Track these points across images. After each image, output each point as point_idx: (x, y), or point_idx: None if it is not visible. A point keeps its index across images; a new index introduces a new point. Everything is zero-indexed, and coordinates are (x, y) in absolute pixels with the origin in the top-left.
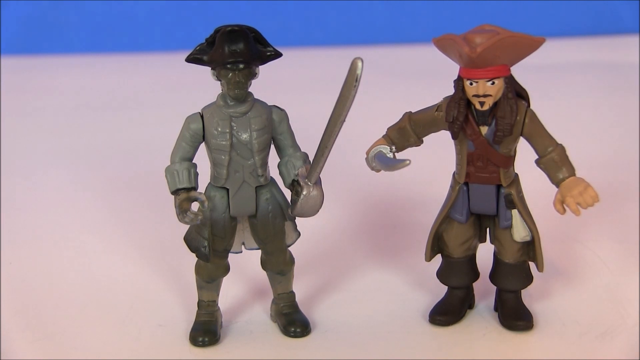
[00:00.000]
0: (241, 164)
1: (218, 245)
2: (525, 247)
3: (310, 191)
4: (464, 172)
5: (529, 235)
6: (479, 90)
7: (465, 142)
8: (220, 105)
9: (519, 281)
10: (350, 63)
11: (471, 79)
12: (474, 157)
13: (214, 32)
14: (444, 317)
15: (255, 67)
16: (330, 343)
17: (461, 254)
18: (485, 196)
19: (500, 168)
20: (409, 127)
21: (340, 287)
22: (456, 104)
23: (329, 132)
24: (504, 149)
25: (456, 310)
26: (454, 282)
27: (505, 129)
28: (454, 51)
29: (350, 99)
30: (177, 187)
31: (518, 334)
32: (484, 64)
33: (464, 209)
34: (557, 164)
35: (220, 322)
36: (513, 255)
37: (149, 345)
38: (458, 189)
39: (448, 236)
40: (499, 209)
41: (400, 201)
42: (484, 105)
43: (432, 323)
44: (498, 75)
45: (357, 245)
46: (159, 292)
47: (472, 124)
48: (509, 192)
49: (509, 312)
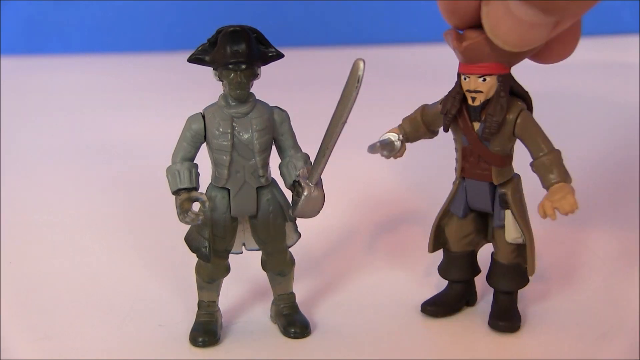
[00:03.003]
0: (242, 164)
1: (219, 245)
2: (520, 249)
3: (311, 192)
4: (460, 167)
5: (521, 238)
6: (471, 85)
7: (460, 137)
8: (221, 105)
9: (512, 282)
10: (352, 64)
11: (464, 73)
12: (467, 152)
13: (216, 32)
14: (434, 308)
15: (257, 68)
16: (330, 344)
17: (461, 249)
18: (479, 192)
19: (491, 166)
20: (420, 119)
21: (340, 288)
22: (452, 98)
23: (331, 133)
24: (496, 147)
25: (449, 303)
26: (453, 275)
27: (493, 126)
28: (449, 45)
29: (351, 100)
30: (178, 187)
31: (517, 335)
32: (473, 59)
33: (462, 204)
34: (547, 168)
35: (220, 322)
36: (507, 256)
37: (149, 345)
38: (457, 184)
39: (449, 230)
40: (494, 207)
41: (401, 202)
42: (475, 101)
43: (423, 312)
44: (489, 72)
45: (358, 247)
46: (159, 292)
47: (466, 118)
48: (503, 191)
49: (497, 312)
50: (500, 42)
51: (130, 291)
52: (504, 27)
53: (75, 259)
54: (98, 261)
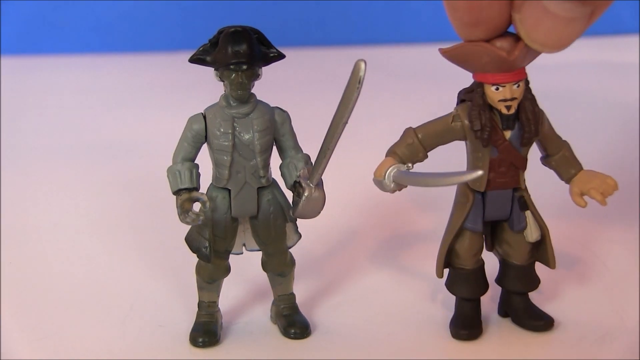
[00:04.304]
0: (243, 164)
1: (219, 246)
2: (534, 249)
3: (311, 193)
4: (485, 180)
5: (539, 234)
6: (506, 94)
7: (487, 150)
8: (222, 105)
9: (529, 282)
10: (354, 65)
11: (499, 83)
12: (496, 163)
13: (217, 32)
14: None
15: (258, 68)
16: (330, 345)
17: (474, 265)
18: (502, 201)
19: (519, 170)
20: (417, 142)
21: (340, 289)
22: (480, 112)
23: (331, 134)
24: (525, 150)
25: (477, 322)
26: (468, 293)
27: (532, 129)
28: (480, 58)
29: (352, 101)
30: (178, 187)
31: (519, 335)
32: (516, 66)
33: (479, 218)
34: (568, 160)
35: (221, 323)
36: (524, 257)
37: (149, 346)
38: (473, 199)
39: (460, 247)
40: (513, 212)
41: (402, 203)
42: (511, 109)
43: (456, 338)
44: (523, 77)
45: (358, 247)
46: (159, 292)
47: (498, 129)
48: (521, 194)
49: (524, 313)
50: (538, 46)
51: (130, 291)
52: (542, 29)
53: (75, 259)
54: (98, 261)
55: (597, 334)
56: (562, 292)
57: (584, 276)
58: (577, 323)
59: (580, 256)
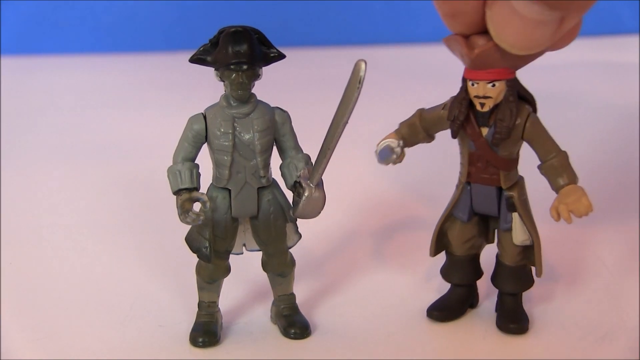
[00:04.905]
0: (243, 164)
1: (219, 246)
2: (526, 251)
3: (312, 193)
4: (466, 172)
5: (529, 239)
6: (480, 91)
7: (467, 142)
8: (223, 105)
9: (517, 284)
10: (354, 65)
11: (472, 80)
12: (474, 158)
13: (217, 32)
14: (441, 313)
15: (258, 69)
16: (330, 345)
17: (464, 252)
18: (486, 197)
19: (500, 170)
20: (419, 124)
21: (340, 289)
22: (459, 104)
23: (332, 134)
24: (504, 151)
25: (454, 307)
26: (456, 279)
27: (503, 131)
28: (457, 51)
29: (353, 101)
30: (179, 187)
31: (518, 336)
32: (483, 66)
33: (467, 208)
34: (556, 170)
35: (221, 323)
36: (513, 258)
37: (149, 346)
38: (462, 188)
39: (452, 234)
40: (501, 210)
41: (402, 203)
42: (484, 107)
43: (429, 317)
44: (498, 77)
45: (358, 248)
46: (159, 292)
47: (473, 124)
48: (510, 194)
49: (505, 314)
50: (507, 46)
51: (130, 291)
52: (509, 29)
53: (75, 258)
54: (98, 261)
55: (597, 334)
56: (561, 292)
57: (584, 276)
58: (577, 323)
59: (580, 256)
